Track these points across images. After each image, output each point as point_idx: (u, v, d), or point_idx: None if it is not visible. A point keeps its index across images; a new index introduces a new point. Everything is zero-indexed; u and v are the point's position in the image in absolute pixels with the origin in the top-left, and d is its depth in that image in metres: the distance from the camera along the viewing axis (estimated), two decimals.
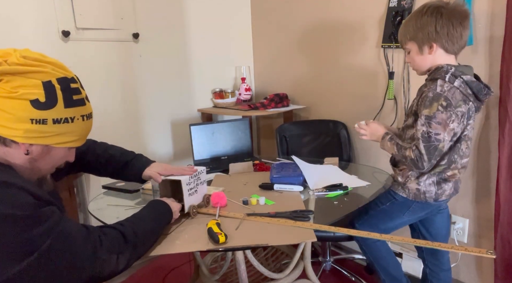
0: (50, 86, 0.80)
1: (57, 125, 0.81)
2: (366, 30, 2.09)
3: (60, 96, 0.81)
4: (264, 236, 1.11)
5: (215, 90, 2.59)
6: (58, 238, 0.73)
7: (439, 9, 1.28)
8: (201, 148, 2.02)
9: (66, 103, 0.82)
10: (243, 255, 1.44)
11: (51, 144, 0.83)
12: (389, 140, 1.41)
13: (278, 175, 1.54)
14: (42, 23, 1.83)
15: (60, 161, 0.91)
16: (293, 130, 2.35)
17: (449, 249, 1.07)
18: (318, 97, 2.44)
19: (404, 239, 1.12)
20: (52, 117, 0.80)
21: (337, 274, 2.21)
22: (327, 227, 1.15)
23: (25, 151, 0.80)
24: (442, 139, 1.27)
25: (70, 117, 0.83)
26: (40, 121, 0.78)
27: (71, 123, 0.84)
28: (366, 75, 2.14)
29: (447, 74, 1.28)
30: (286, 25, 2.54)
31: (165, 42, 2.33)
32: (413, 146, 1.31)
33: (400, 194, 1.47)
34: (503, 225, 1.64)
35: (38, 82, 0.78)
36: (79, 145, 0.91)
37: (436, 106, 1.25)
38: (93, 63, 2.04)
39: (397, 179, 1.48)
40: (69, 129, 0.84)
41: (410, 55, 1.39)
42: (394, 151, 1.39)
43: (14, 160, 0.81)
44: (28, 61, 0.78)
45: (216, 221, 1.15)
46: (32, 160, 0.83)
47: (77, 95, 0.86)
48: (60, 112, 0.81)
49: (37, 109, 0.78)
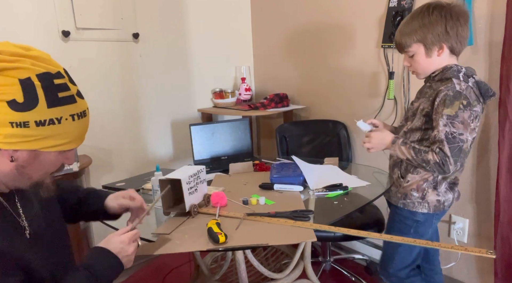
0: (29, 83, 0.69)
1: (41, 128, 0.71)
2: (366, 30, 2.09)
3: (41, 94, 0.70)
4: (264, 236, 1.11)
5: (215, 90, 2.59)
6: None
7: (446, 8, 1.23)
8: (201, 148, 2.02)
9: (50, 102, 0.71)
10: (243, 255, 1.44)
11: (38, 149, 0.73)
12: (402, 145, 1.29)
13: (278, 175, 1.54)
14: (42, 23, 1.83)
15: (54, 167, 0.80)
16: (293, 130, 2.35)
17: (449, 249, 1.07)
18: (318, 97, 2.44)
19: (404, 239, 1.12)
20: (34, 119, 0.70)
21: (337, 274, 2.20)
22: (327, 227, 1.15)
23: (9, 158, 0.72)
24: (465, 140, 1.20)
25: (56, 117, 0.72)
26: (20, 124, 0.69)
27: (58, 124, 0.73)
28: (366, 75, 2.14)
29: (460, 74, 1.24)
30: (286, 25, 2.54)
31: (165, 42, 2.33)
32: (436, 149, 1.21)
33: (420, 211, 1.37)
34: (503, 225, 1.64)
35: (14, 80, 0.68)
36: (74, 147, 0.80)
37: (457, 104, 1.19)
38: (93, 63, 2.04)
39: (411, 195, 1.37)
40: (57, 131, 0.73)
41: (414, 58, 1.31)
42: (410, 156, 1.27)
43: (0, 169, 0.73)
44: (5, 57, 0.69)
45: (216, 221, 1.14)
46: (20, 167, 0.74)
47: (64, 92, 0.74)
48: (42, 113, 0.70)
49: (15, 110, 0.68)
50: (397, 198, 1.44)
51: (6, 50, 0.70)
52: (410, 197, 1.38)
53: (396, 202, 1.44)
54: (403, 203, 1.41)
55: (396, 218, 1.46)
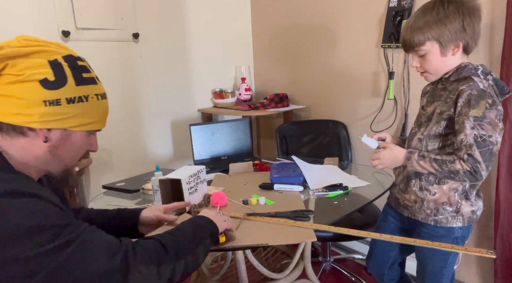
0: (57, 64, 0.76)
1: (71, 105, 0.76)
2: (366, 30, 2.09)
3: (69, 73, 0.76)
4: (264, 236, 1.11)
5: (215, 90, 2.59)
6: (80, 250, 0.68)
7: (462, 3, 1.12)
8: (201, 148, 2.02)
9: (77, 80, 0.77)
10: (243, 255, 1.44)
11: (69, 127, 0.78)
12: (420, 159, 1.16)
13: (278, 175, 1.55)
14: (42, 23, 1.83)
15: (82, 149, 0.84)
16: (293, 130, 2.35)
17: (449, 249, 1.07)
18: (318, 97, 2.44)
19: (404, 239, 1.12)
20: (65, 96, 0.75)
21: (337, 274, 2.20)
22: (327, 227, 1.15)
23: (43, 138, 0.76)
24: (495, 141, 1.09)
25: (83, 95, 0.78)
26: (53, 102, 0.74)
27: (85, 102, 0.78)
28: (366, 75, 2.14)
29: (478, 71, 1.15)
30: (286, 25, 2.54)
31: (165, 42, 2.33)
32: (464, 155, 1.09)
33: (455, 226, 1.24)
34: (503, 225, 1.64)
35: (44, 61, 0.75)
36: (99, 128, 0.85)
37: (483, 104, 1.08)
38: (93, 63, 2.01)
39: (443, 209, 1.24)
40: (85, 109, 0.79)
41: (426, 57, 1.18)
42: (433, 170, 1.14)
43: (34, 152, 0.77)
44: (30, 42, 0.77)
45: None
46: (53, 148, 0.78)
47: (87, 73, 0.81)
48: (72, 90, 0.76)
49: (47, 89, 0.73)
50: (425, 215, 1.27)
51: (31, 37, 0.78)
52: (443, 212, 1.24)
53: (425, 220, 1.27)
54: (434, 220, 1.26)
55: (428, 238, 1.25)
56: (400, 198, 1.36)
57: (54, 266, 0.65)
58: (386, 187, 1.50)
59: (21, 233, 0.64)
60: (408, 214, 1.34)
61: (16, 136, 0.75)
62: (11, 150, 0.76)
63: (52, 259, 0.65)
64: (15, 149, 0.76)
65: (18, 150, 0.76)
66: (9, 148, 0.75)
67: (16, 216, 0.64)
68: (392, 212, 1.45)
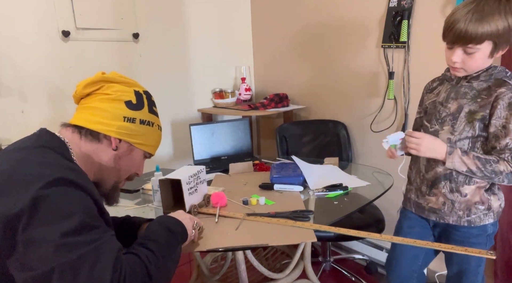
0: (139, 94, 0.97)
1: (142, 126, 0.95)
2: (366, 30, 2.09)
3: (146, 102, 0.97)
4: (264, 236, 1.11)
5: (215, 90, 2.59)
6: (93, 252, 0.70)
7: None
8: (201, 148, 2.02)
9: (150, 109, 0.98)
10: (243, 255, 1.44)
11: (135, 143, 0.95)
12: (463, 154, 1.14)
13: (278, 175, 1.54)
14: (42, 23, 1.83)
15: (135, 167, 0.99)
16: (293, 130, 2.35)
17: (449, 250, 1.07)
18: (318, 97, 2.44)
19: (404, 240, 1.12)
20: (140, 118, 0.94)
21: (337, 274, 2.21)
22: (327, 227, 1.15)
23: (114, 146, 0.91)
24: None
25: (151, 121, 0.98)
26: (130, 119, 0.92)
27: (151, 127, 0.98)
28: (366, 75, 2.14)
29: (508, 74, 1.15)
30: (286, 25, 2.54)
31: (165, 42, 2.33)
32: (508, 157, 1.11)
33: (488, 222, 1.24)
34: (503, 225, 1.64)
35: (131, 89, 0.95)
36: (152, 153, 1.02)
37: None
38: (93, 63, 2.04)
39: (476, 209, 1.23)
40: (149, 132, 0.97)
41: (473, 55, 1.11)
42: (475, 167, 1.13)
43: (101, 156, 0.91)
44: (123, 76, 0.97)
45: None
46: (117, 157, 0.93)
47: (155, 107, 1.02)
48: (145, 115, 0.96)
49: (129, 109, 0.92)
50: (457, 217, 1.25)
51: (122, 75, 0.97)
52: (475, 211, 1.23)
53: (458, 222, 1.25)
54: (467, 221, 1.24)
55: (462, 239, 1.25)
56: (423, 202, 1.32)
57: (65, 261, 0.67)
58: (386, 187, 1.50)
59: (56, 215, 0.69)
60: (437, 218, 1.30)
61: (91, 140, 0.89)
62: (82, 150, 0.89)
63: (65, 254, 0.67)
64: (87, 151, 0.89)
65: (89, 152, 0.89)
66: (81, 149, 0.88)
67: (58, 200, 0.70)
68: (415, 217, 1.39)
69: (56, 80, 1.90)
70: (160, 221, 0.95)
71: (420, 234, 1.36)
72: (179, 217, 1.00)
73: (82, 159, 0.88)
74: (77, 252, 0.68)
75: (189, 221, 1.02)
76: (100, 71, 0.95)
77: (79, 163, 0.87)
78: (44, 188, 0.69)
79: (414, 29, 1.89)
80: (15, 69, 1.78)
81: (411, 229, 1.39)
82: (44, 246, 0.67)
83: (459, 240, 1.25)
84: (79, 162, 0.87)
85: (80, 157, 0.88)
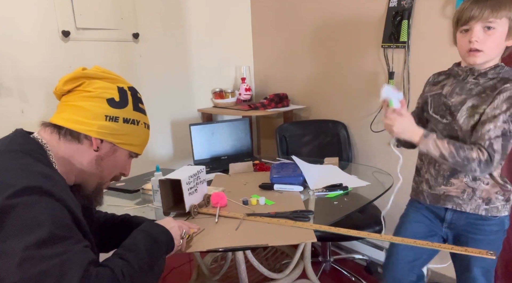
0: (123, 90, 0.90)
1: (126, 125, 0.89)
2: (366, 30, 2.09)
3: (130, 99, 0.91)
4: (264, 236, 1.11)
5: (215, 90, 2.59)
6: (58, 267, 0.66)
7: None
8: (201, 148, 2.02)
9: (135, 107, 0.92)
10: (243, 255, 1.44)
11: (118, 143, 0.89)
12: (439, 139, 1.15)
13: (278, 175, 1.54)
14: (42, 23, 1.83)
15: (119, 168, 0.94)
16: (293, 130, 2.35)
17: (449, 250, 1.07)
18: (318, 97, 2.44)
19: (404, 240, 1.12)
20: (123, 116, 0.88)
21: (337, 274, 2.21)
22: (327, 227, 1.15)
23: (95, 147, 0.86)
24: None
25: (136, 119, 0.92)
26: (113, 118, 0.87)
27: (136, 125, 0.92)
28: (366, 75, 2.14)
29: None
30: (286, 25, 2.54)
31: (165, 42, 2.33)
32: (485, 143, 1.12)
33: (503, 214, 1.24)
34: None
35: (114, 86, 0.89)
36: (138, 153, 0.96)
37: None
38: (93, 63, 2.01)
39: (496, 199, 1.22)
40: (135, 131, 0.92)
41: (491, 33, 1.11)
42: (447, 152, 1.13)
43: (82, 158, 0.86)
44: (105, 71, 0.91)
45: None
46: (99, 159, 0.88)
47: (141, 104, 0.96)
48: (129, 113, 0.90)
49: (111, 107, 0.87)
50: (476, 205, 1.23)
51: (105, 69, 0.92)
52: (495, 201, 1.23)
53: (476, 210, 1.24)
54: (486, 209, 1.23)
55: (480, 228, 1.25)
56: (439, 192, 1.29)
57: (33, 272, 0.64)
58: (386, 187, 1.50)
59: (22, 227, 0.66)
60: (453, 206, 1.27)
61: (71, 141, 0.85)
62: (62, 152, 0.84)
63: (27, 269, 0.64)
64: (66, 152, 0.84)
65: (69, 154, 0.85)
66: (60, 150, 0.84)
67: (26, 211, 0.67)
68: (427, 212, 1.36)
69: (56, 80, 1.88)
70: (144, 228, 0.91)
71: (428, 229, 1.35)
72: (168, 226, 0.95)
73: (61, 161, 0.84)
74: (40, 267, 0.65)
75: (177, 230, 0.97)
76: (80, 67, 0.90)
77: (58, 165, 0.83)
78: (10, 197, 0.66)
79: (414, 29, 1.89)
80: (15, 69, 1.78)
81: (418, 223, 1.37)
82: (10, 259, 0.64)
83: (479, 239, 1.24)
84: (58, 165, 0.83)
85: (59, 159, 0.83)
